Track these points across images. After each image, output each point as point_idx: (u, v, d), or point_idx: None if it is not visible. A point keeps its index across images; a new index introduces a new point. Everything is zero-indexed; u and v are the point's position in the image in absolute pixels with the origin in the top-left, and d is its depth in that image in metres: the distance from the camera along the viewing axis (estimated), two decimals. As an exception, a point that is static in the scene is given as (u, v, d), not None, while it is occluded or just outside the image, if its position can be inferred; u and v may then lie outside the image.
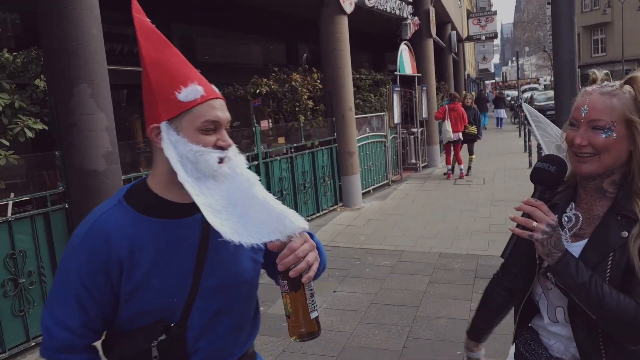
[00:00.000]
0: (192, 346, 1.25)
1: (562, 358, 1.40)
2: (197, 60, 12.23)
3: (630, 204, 1.29)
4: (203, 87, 1.21)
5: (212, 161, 1.20)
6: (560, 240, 1.27)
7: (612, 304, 1.22)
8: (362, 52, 18.93)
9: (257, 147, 6.58)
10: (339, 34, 8.17)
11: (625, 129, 1.29)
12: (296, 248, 1.18)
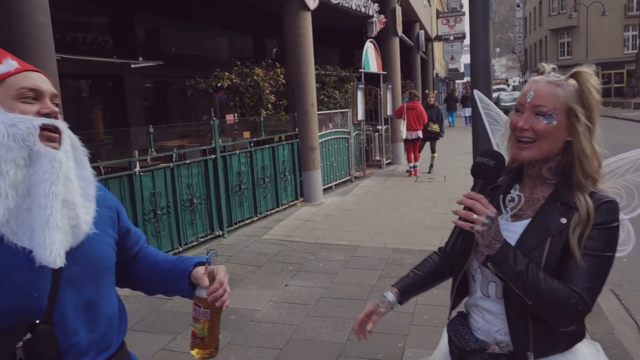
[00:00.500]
0: (64, 342, 1.18)
1: (487, 341, 1.45)
2: (162, 52, 12.08)
3: (570, 194, 1.37)
4: (18, 62, 1.21)
5: (32, 129, 1.15)
6: (499, 232, 1.33)
7: (547, 290, 1.29)
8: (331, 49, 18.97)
9: (215, 141, 6.55)
10: (302, 29, 8.19)
11: (566, 119, 1.37)
12: (223, 281, 1.27)
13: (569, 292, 1.29)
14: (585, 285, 1.31)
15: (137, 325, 4.14)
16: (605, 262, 1.34)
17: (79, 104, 11.23)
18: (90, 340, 1.24)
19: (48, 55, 4.12)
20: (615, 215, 1.36)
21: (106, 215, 1.34)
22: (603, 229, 1.33)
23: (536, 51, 52.13)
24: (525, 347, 1.39)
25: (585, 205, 1.34)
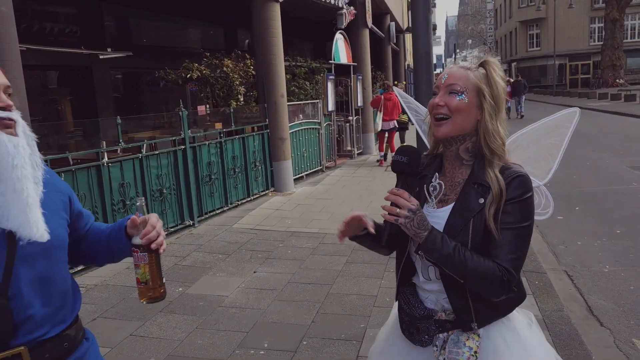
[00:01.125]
0: (20, 315, 1.27)
1: (434, 309, 1.57)
2: (132, 43, 11.96)
3: (483, 174, 1.48)
4: None
5: None
6: (424, 220, 1.43)
7: (474, 268, 1.40)
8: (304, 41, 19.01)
9: (184, 132, 6.60)
10: (271, 20, 8.24)
11: (476, 97, 1.50)
12: (155, 225, 1.36)
13: (494, 266, 1.41)
14: (508, 257, 1.42)
15: (106, 312, 4.21)
16: (523, 232, 1.46)
17: (47, 95, 11.07)
18: (45, 314, 1.32)
19: (11, 46, 4.12)
20: (526, 187, 1.47)
21: (58, 199, 1.43)
22: (516, 203, 1.45)
23: (507, 42, 52.96)
24: (468, 319, 1.50)
25: (497, 182, 1.45)
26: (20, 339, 1.27)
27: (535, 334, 1.61)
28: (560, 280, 4.67)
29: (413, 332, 1.58)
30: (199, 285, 4.76)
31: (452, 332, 1.52)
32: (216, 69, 8.23)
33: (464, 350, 1.49)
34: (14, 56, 4.16)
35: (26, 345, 1.27)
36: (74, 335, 1.41)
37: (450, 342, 1.51)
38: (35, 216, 1.27)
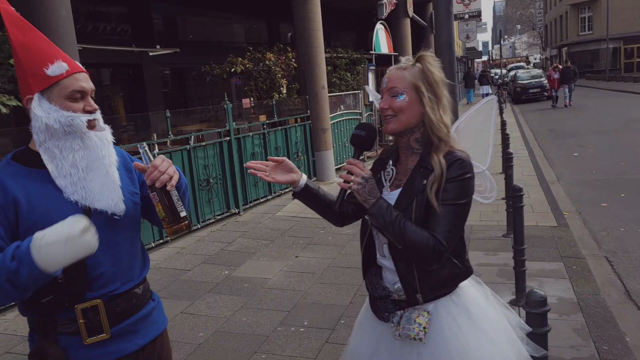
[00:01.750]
0: (94, 272, 1.50)
1: (391, 291, 1.72)
2: (179, 39, 12.41)
3: (429, 159, 1.63)
4: (67, 64, 1.48)
5: (81, 124, 1.48)
6: (375, 189, 1.59)
7: (411, 235, 1.55)
8: (346, 31, 19.10)
9: (229, 124, 6.89)
10: (311, 13, 8.42)
11: (415, 95, 1.65)
12: (158, 165, 1.50)
13: (429, 236, 1.55)
14: (442, 229, 1.56)
15: (159, 292, 4.52)
16: (459, 209, 1.60)
17: (101, 92, 11.67)
18: (114, 272, 1.57)
19: (70, 47, 4.47)
20: (465, 169, 1.60)
21: (126, 177, 1.67)
22: (455, 182, 1.59)
23: (557, 27, 51.07)
24: (414, 291, 1.65)
25: (439, 165, 1.60)
26: (95, 292, 1.52)
27: (489, 309, 1.75)
28: (599, 266, 4.66)
29: (376, 310, 1.76)
30: (243, 269, 5.02)
31: (406, 310, 1.68)
32: (259, 63, 8.48)
33: (414, 326, 1.64)
34: (73, 56, 4.50)
35: (101, 298, 1.52)
36: (141, 294, 1.65)
37: (404, 319, 1.67)
38: (119, 195, 1.55)
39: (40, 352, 1.50)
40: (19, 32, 1.48)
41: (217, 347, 3.52)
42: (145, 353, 1.66)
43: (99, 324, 1.52)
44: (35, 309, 1.50)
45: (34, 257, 1.29)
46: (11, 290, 1.33)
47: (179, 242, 5.94)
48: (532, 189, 7.43)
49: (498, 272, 4.54)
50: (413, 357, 1.66)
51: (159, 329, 1.73)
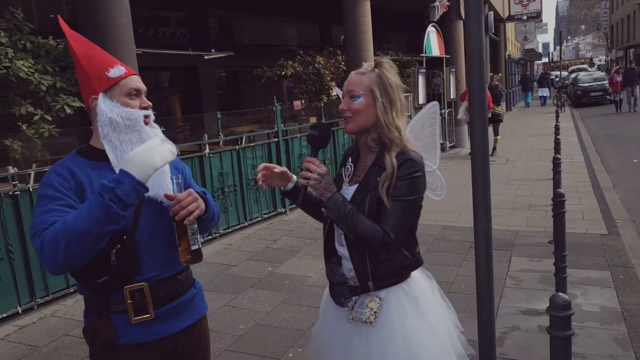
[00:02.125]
0: (142, 256, 1.67)
1: (347, 276, 1.86)
2: (234, 43, 12.80)
3: (383, 158, 1.77)
4: (124, 68, 1.72)
5: (139, 117, 1.69)
6: (330, 184, 1.73)
7: (363, 227, 1.69)
8: (398, 33, 19.04)
9: (277, 125, 7.08)
10: (361, 17, 8.51)
11: (371, 98, 1.79)
12: (181, 200, 1.66)
13: (378, 229, 1.69)
14: (391, 223, 1.71)
15: (205, 285, 4.75)
16: (407, 204, 1.73)
17: (159, 93, 12.20)
18: (160, 259, 1.73)
19: (129, 51, 4.77)
20: (415, 168, 1.74)
21: (174, 174, 1.83)
22: (404, 179, 1.73)
23: (623, 27, 48.66)
24: (366, 279, 1.79)
25: (391, 163, 1.74)
26: (142, 276, 1.68)
27: (434, 302, 1.90)
28: (649, 276, 4.50)
29: (334, 295, 1.91)
30: (286, 266, 5.18)
31: (360, 296, 1.82)
32: (308, 66, 8.66)
33: (366, 310, 1.79)
34: (131, 60, 4.81)
35: (146, 282, 1.68)
36: (183, 280, 1.80)
37: (358, 304, 1.82)
38: (168, 186, 1.73)
39: (93, 327, 1.68)
40: (81, 47, 1.72)
41: (256, 339, 3.68)
42: (186, 336, 1.81)
43: (144, 305, 1.68)
44: (91, 288, 1.67)
45: (129, 170, 1.49)
46: (115, 210, 1.48)
47: (226, 239, 6.18)
48: (584, 195, 7.21)
49: (540, 278, 4.48)
50: (362, 339, 1.80)
51: (199, 314, 1.87)
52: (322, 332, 1.98)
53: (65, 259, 1.49)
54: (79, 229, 1.47)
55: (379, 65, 1.82)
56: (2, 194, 4.14)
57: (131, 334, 1.68)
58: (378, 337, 1.79)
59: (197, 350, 1.87)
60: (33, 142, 4.45)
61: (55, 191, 1.60)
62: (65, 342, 3.79)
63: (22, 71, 4.31)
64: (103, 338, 1.65)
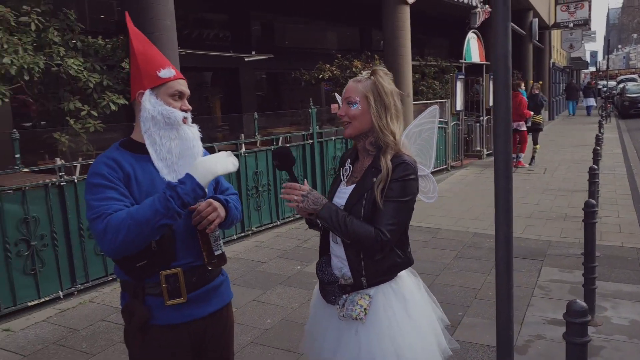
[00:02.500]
0: (178, 244, 1.80)
1: (337, 275, 1.94)
2: (275, 46, 13.01)
3: (379, 161, 1.86)
4: (174, 71, 1.85)
5: (178, 117, 1.81)
6: (318, 198, 1.83)
7: (357, 231, 1.79)
8: (440, 39, 18.90)
9: (312, 128, 7.20)
10: (400, 22, 8.54)
11: (366, 104, 1.88)
12: (201, 211, 1.78)
13: (371, 229, 1.79)
14: (386, 222, 1.80)
15: (236, 280, 4.89)
16: (401, 205, 1.83)
17: (201, 93, 12.53)
18: (196, 247, 1.84)
19: (172, 52, 4.98)
20: (408, 171, 1.83)
21: None
22: (398, 182, 1.82)
23: (679, 36, 46.67)
24: (360, 275, 1.88)
25: (386, 166, 1.83)
26: (177, 262, 1.81)
27: (421, 299, 2.00)
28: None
29: (325, 294, 1.99)
30: (313, 265, 5.26)
31: (350, 294, 1.91)
32: (346, 70, 8.74)
33: (356, 307, 1.87)
34: (173, 60, 5.02)
35: (181, 267, 1.81)
36: (212, 268, 1.92)
37: (348, 302, 1.91)
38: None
39: (130, 308, 1.81)
40: (140, 44, 1.87)
41: (282, 334, 3.78)
42: (213, 320, 1.93)
43: (178, 289, 1.80)
44: (129, 272, 1.80)
45: (192, 173, 1.67)
46: (174, 208, 1.63)
47: (259, 237, 6.33)
48: (623, 208, 7.03)
49: (570, 289, 4.42)
50: (352, 334, 1.89)
51: (225, 300, 2.00)
52: (314, 328, 2.08)
53: (123, 245, 1.65)
54: (139, 218, 1.63)
55: (374, 73, 1.92)
56: (50, 184, 4.39)
57: (164, 316, 1.81)
58: (366, 332, 1.88)
59: (223, 334, 1.99)
60: (80, 136, 4.70)
61: (107, 180, 1.73)
62: (102, 327, 3.99)
63: (72, 69, 4.56)
64: (139, 318, 1.78)
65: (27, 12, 4.48)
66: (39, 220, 4.30)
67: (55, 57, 4.59)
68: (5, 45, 4.17)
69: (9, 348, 3.73)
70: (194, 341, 1.88)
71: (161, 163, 1.80)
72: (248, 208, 6.33)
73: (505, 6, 2.03)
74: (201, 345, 1.91)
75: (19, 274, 4.20)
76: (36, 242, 4.28)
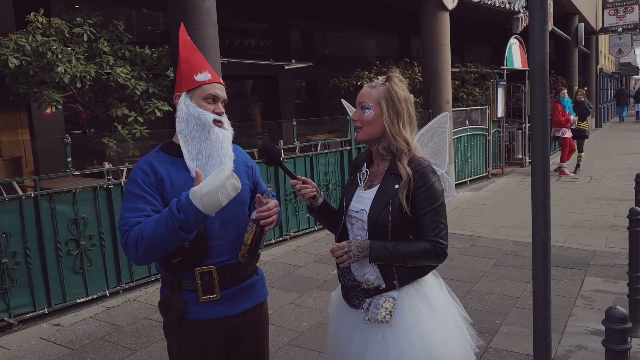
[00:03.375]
0: (212, 243, 1.85)
1: (361, 282, 1.94)
2: (315, 54, 13.16)
3: (396, 166, 1.89)
4: (211, 75, 1.92)
5: (209, 119, 1.87)
6: (361, 245, 1.83)
7: (415, 252, 1.83)
8: (481, 45, 18.67)
9: (350, 134, 7.24)
10: (439, 29, 8.51)
11: (379, 110, 1.90)
12: (271, 208, 1.83)
13: (425, 243, 1.83)
14: (434, 232, 1.84)
15: (273, 283, 4.97)
16: (438, 210, 1.86)
17: (242, 101, 12.79)
18: (227, 246, 1.91)
19: (215, 61, 5.13)
20: (427, 177, 1.86)
21: (243, 170, 2.04)
22: (423, 191, 1.85)
23: None
24: (392, 278, 1.90)
25: (405, 171, 1.86)
26: (211, 260, 1.88)
27: (443, 297, 2.02)
28: None
29: (348, 298, 2.01)
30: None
31: (374, 297, 1.93)
32: (385, 77, 8.75)
33: (381, 310, 1.90)
34: (216, 68, 5.17)
35: (215, 265, 1.88)
36: (247, 267, 1.98)
37: (372, 305, 1.92)
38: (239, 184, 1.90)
39: (167, 301, 1.91)
40: (186, 51, 1.96)
41: (317, 337, 3.83)
42: (247, 317, 1.98)
43: (212, 286, 1.87)
44: (167, 268, 1.89)
45: (197, 206, 1.69)
46: (183, 235, 1.72)
47: (296, 241, 6.41)
48: (673, 218, 6.75)
49: (615, 300, 4.30)
50: (379, 338, 1.90)
51: (259, 299, 2.05)
52: (338, 335, 2.08)
53: (144, 257, 1.77)
54: (152, 241, 1.73)
55: (389, 79, 1.94)
56: (98, 187, 4.60)
57: (199, 311, 1.88)
58: (394, 334, 1.89)
59: (256, 332, 2.04)
60: (126, 141, 4.91)
61: (139, 189, 1.84)
62: (145, 325, 4.14)
63: (120, 77, 4.78)
64: (175, 311, 1.87)
65: (80, 23, 4.72)
66: (87, 221, 4.51)
67: (104, 66, 4.82)
68: (60, 55, 4.41)
69: (59, 342, 3.92)
70: (227, 336, 1.94)
71: (192, 163, 1.87)
72: (286, 213, 6.42)
73: (542, 9, 2.02)
74: (234, 341, 1.97)
75: (69, 272, 4.42)
76: (85, 241, 4.49)
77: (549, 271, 2.03)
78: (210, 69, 1.94)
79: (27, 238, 4.18)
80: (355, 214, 1.96)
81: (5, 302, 4.10)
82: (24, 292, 4.20)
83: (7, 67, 4.54)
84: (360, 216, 1.94)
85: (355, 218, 1.95)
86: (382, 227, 1.86)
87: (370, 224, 1.89)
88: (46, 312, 4.31)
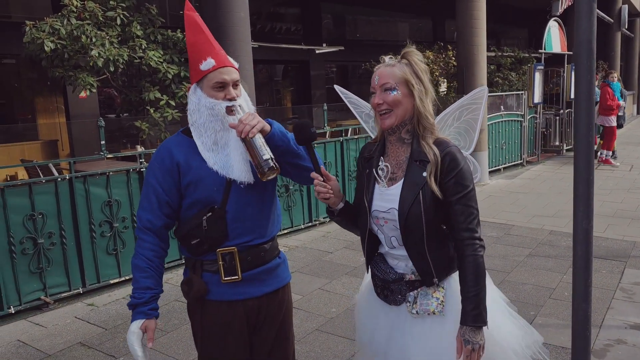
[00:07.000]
0: (230, 225, 1.84)
1: (405, 273, 1.81)
2: (346, 38, 13.01)
3: (421, 149, 1.73)
4: (215, 60, 1.79)
5: (222, 108, 1.79)
6: (474, 330, 1.68)
7: (475, 279, 1.69)
8: (518, 29, 18.15)
9: (382, 119, 7.13)
10: (474, 11, 8.26)
11: (406, 89, 1.73)
12: (243, 120, 1.76)
13: (469, 246, 1.70)
14: (467, 220, 1.71)
15: (302, 269, 4.96)
16: (470, 195, 1.72)
17: (273, 85, 12.78)
18: (248, 227, 1.89)
19: (245, 44, 5.09)
20: (457, 160, 1.71)
21: None
22: (454, 176, 1.70)
23: None
24: (430, 276, 1.78)
25: (432, 152, 1.71)
26: (232, 241, 1.87)
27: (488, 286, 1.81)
28: None
29: (387, 294, 1.86)
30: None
31: (420, 289, 1.81)
32: (418, 61, 8.58)
33: (432, 300, 1.79)
34: (246, 52, 5.14)
35: (236, 246, 1.87)
36: (268, 250, 1.96)
37: (421, 296, 1.80)
38: (247, 168, 1.86)
39: (189, 282, 1.91)
40: (192, 34, 1.87)
41: (346, 322, 3.80)
42: (268, 300, 1.97)
43: (233, 267, 1.86)
44: (188, 249, 1.89)
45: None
46: None
47: (326, 227, 6.38)
48: None
49: (656, 293, 4.13)
50: (425, 330, 1.79)
51: (281, 282, 2.02)
52: (376, 339, 1.94)
53: None
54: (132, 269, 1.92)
55: (407, 55, 1.77)
56: (131, 170, 4.65)
57: (221, 292, 1.88)
58: (444, 324, 1.78)
59: (278, 314, 2.02)
60: (158, 124, 4.94)
61: (152, 177, 1.87)
62: (176, 307, 4.19)
63: (152, 60, 4.80)
64: (196, 291, 1.87)
65: (114, 7, 4.75)
66: (120, 204, 4.57)
67: (137, 50, 4.83)
68: (94, 39, 4.45)
69: (93, 321, 4.00)
70: (250, 318, 1.94)
71: (208, 154, 1.83)
72: (316, 198, 6.38)
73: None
74: (257, 322, 1.96)
75: (102, 253, 4.50)
76: (118, 224, 4.55)
77: (591, 263, 1.94)
78: (215, 52, 1.83)
79: (62, 219, 4.27)
80: (382, 214, 1.80)
81: (42, 281, 4.20)
82: (59, 272, 4.29)
83: (43, 51, 4.61)
84: (390, 216, 1.78)
85: (384, 219, 1.80)
86: (415, 223, 1.73)
87: (401, 221, 1.74)
88: (81, 292, 4.41)
